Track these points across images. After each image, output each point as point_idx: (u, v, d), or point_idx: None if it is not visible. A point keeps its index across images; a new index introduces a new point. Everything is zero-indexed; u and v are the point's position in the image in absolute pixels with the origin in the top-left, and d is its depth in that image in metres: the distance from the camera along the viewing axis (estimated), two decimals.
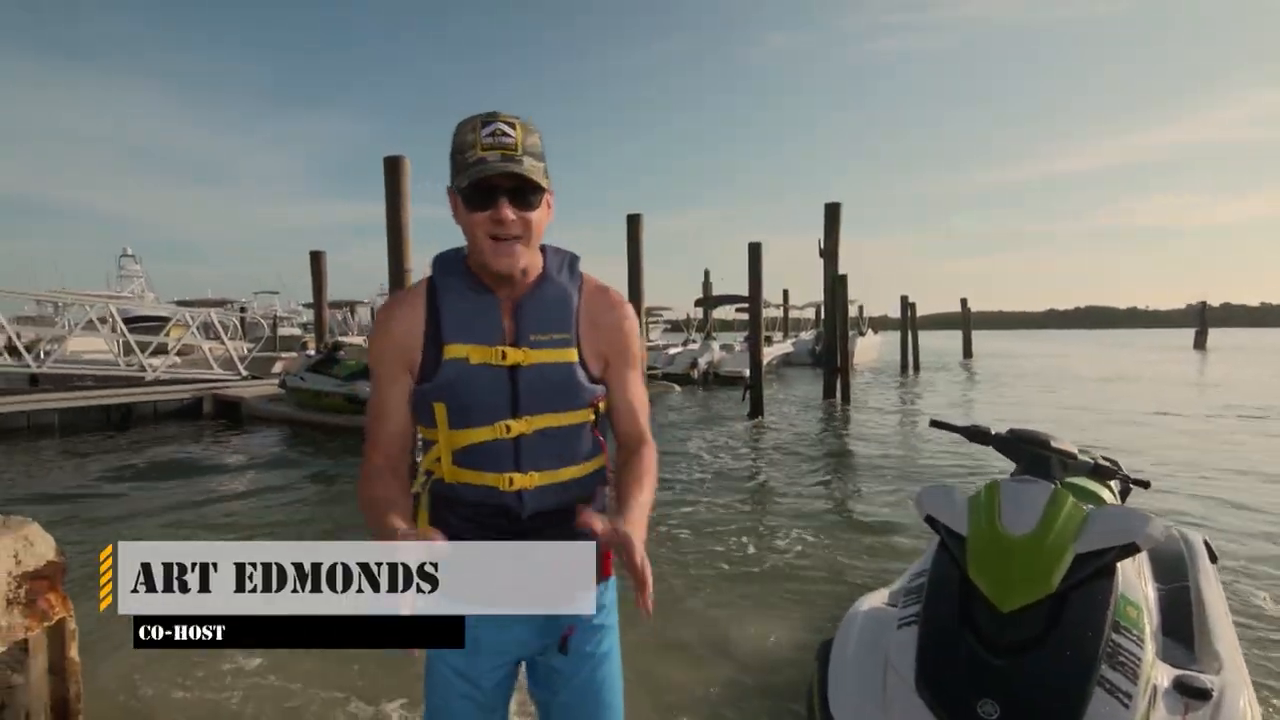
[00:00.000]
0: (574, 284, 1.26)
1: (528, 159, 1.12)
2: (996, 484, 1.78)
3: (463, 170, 1.12)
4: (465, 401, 1.18)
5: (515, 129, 1.12)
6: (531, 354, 1.19)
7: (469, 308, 1.20)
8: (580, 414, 1.23)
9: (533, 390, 1.19)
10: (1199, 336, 42.34)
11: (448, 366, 1.18)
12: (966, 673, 1.49)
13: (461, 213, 1.16)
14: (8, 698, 1.64)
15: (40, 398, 11.42)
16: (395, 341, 1.21)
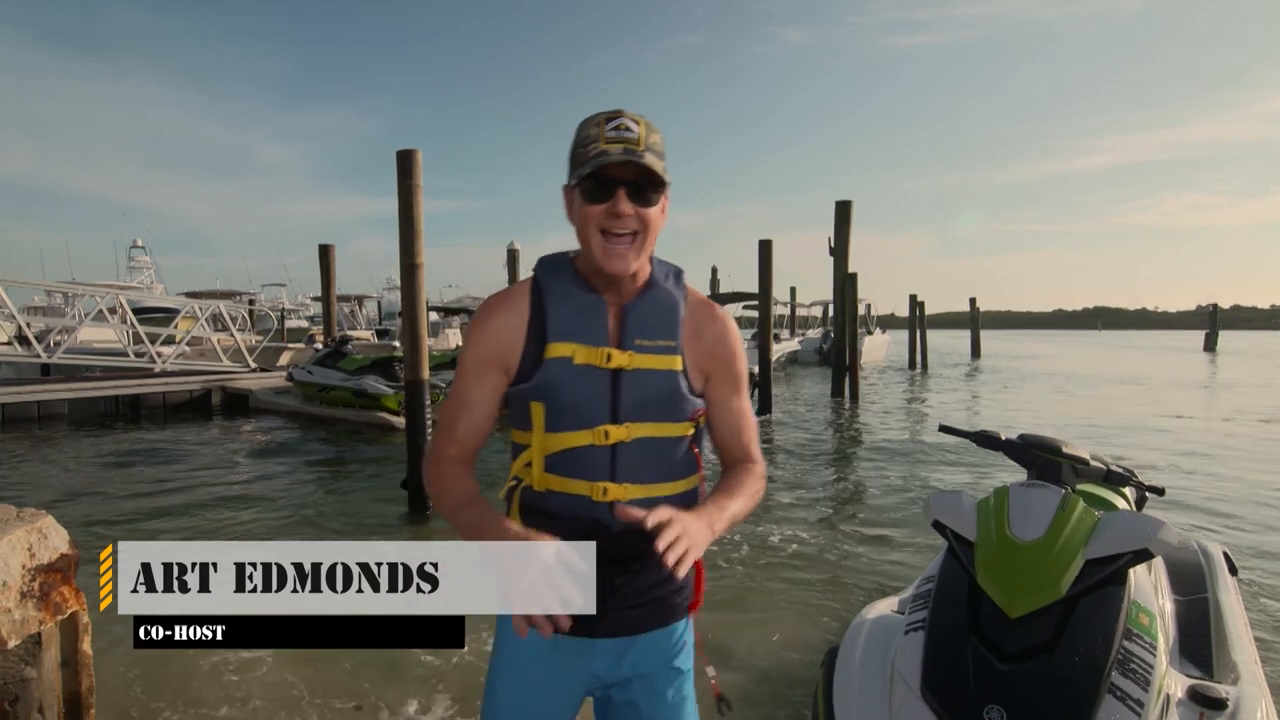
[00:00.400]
0: (680, 294, 1.23)
1: (649, 155, 1.09)
2: (1006, 489, 1.77)
3: (584, 163, 1.10)
4: (565, 403, 1.15)
5: (640, 125, 1.10)
6: (636, 358, 1.16)
7: (575, 307, 1.17)
8: (680, 427, 1.19)
9: (635, 396, 1.16)
10: (1209, 339, 42.03)
11: (550, 365, 1.15)
12: (973, 679, 1.47)
13: (577, 207, 1.14)
14: (21, 690, 1.66)
15: (50, 387, 11.52)
16: (493, 338, 1.19)
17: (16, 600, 1.65)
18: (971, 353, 32.39)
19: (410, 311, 6.00)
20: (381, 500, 6.14)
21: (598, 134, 1.10)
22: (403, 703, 2.80)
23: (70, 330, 13.80)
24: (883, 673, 1.72)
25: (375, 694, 2.87)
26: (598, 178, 1.09)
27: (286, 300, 33.31)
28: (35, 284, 17.30)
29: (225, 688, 2.93)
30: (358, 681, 2.94)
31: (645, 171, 1.09)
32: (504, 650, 1.27)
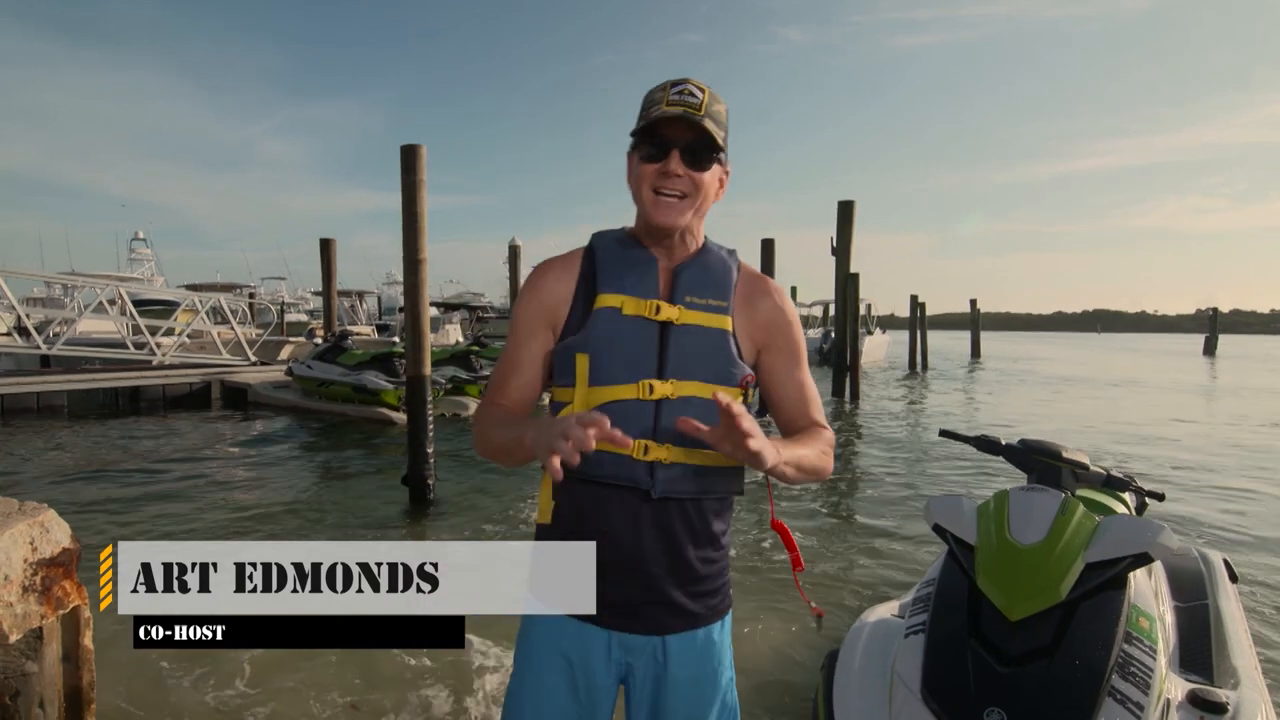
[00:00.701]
0: (733, 263, 1.23)
1: (709, 121, 1.10)
2: (1006, 493, 1.77)
3: (643, 121, 1.12)
4: (611, 353, 1.13)
5: (704, 92, 1.11)
6: (686, 314, 1.15)
7: (627, 262, 1.18)
8: (728, 391, 1.15)
9: (683, 351, 1.14)
10: (1208, 343, 42.04)
11: (598, 316, 1.14)
12: (973, 682, 1.48)
13: (632, 167, 1.15)
14: (21, 685, 1.66)
15: (50, 379, 11.50)
16: (542, 297, 1.19)
17: (18, 594, 1.65)
18: (971, 354, 32.42)
19: (413, 307, 5.99)
20: (382, 496, 6.14)
21: (661, 97, 1.11)
22: (400, 701, 2.80)
23: (70, 322, 13.79)
24: (883, 676, 1.73)
25: (372, 692, 2.87)
26: (653, 138, 1.11)
27: (286, 294, 33.28)
28: (35, 275, 17.32)
29: (221, 686, 2.93)
30: (354, 679, 2.95)
31: (700, 133, 1.10)
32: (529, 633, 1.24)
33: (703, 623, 1.21)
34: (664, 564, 1.16)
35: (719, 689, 1.23)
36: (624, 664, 1.20)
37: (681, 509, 1.16)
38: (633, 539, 1.15)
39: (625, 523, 1.14)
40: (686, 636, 1.20)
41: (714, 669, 1.22)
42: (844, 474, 7.57)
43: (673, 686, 1.19)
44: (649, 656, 1.19)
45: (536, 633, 1.22)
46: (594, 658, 1.19)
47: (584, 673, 1.19)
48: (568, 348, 1.16)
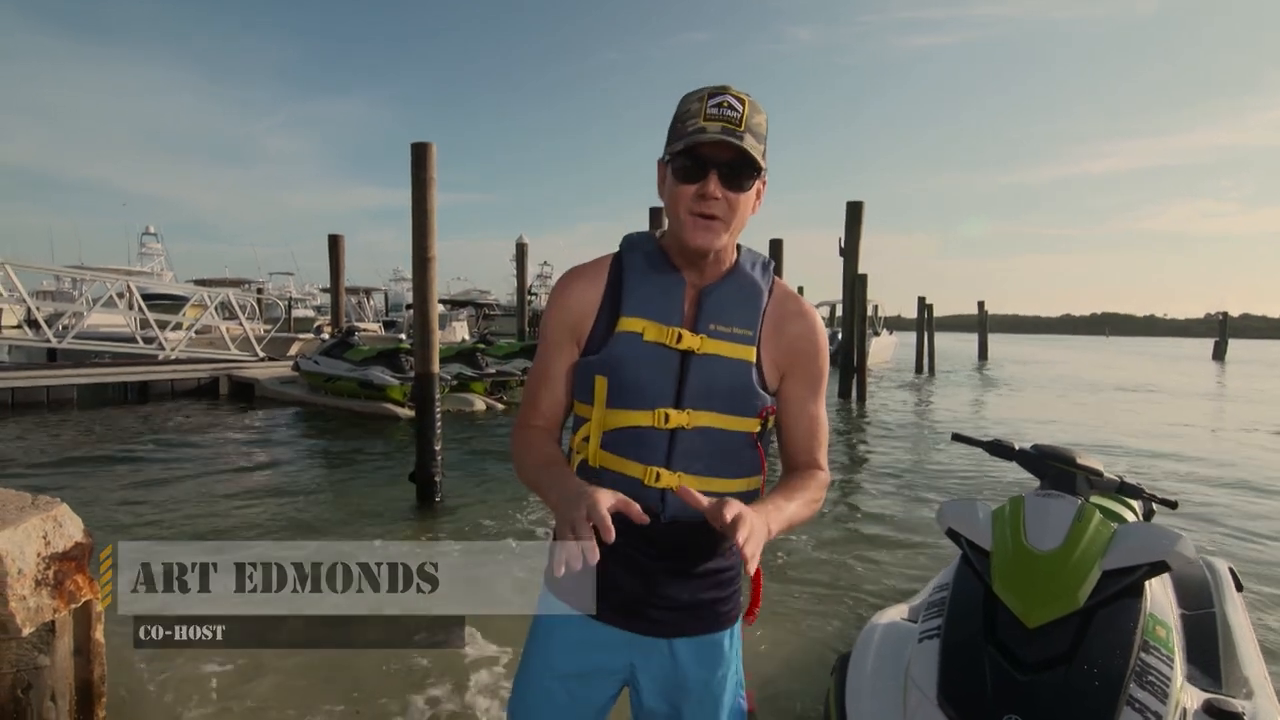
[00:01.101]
0: (765, 283, 1.19)
1: (749, 137, 1.05)
2: (1021, 499, 1.76)
3: (679, 139, 1.06)
4: (629, 379, 1.12)
5: (744, 104, 1.05)
6: (708, 343, 1.12)
7: (653, 284, 1.15)
8: (746, 422, 1.14)
9: (702, 382, 1.12)
10: (1218, 347, 41.74)
11: (619, 339, 1.13)
12: (991, 688, 1.46)
13: (668, 185, 1.11)
14: (34, 678, 1.70)
15: (60, 372, 11.59)
16: (570, 309, 1.17)
17: (31, 588, 1.68)
18: (979, 356, 32.28)
19: (422, 305, 6.02)
20: (389, 493, 6.17)
21: (698, 109, 1.06)
22: (401, 705, 2.81)
23: (79, 315, 13.88)
24: (896, 680, 1.72)
25: (372, 696, 2.88)
26: (692, 156, 1.06)
27: (294, 290, 33.42)
28: (45, 269, 17.39)
29: (220, 689, 2.96)
30: (354, 682, 2.96)
31: (741, 154, 1.05)
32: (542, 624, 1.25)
33: (713, 628, 1.22)
34: (673, 574, 1.17)
35: (728, 694, 1.23)
36: (631, 664, 1.21)
37: (695, 532, 1.15)
38: (642, 554, 1.17)
39: (635, 537, 1.14)
40: (696, 641, 1.20)
41: (723, 674, 1.22)
42: (849, 476, 7.57)
43: (681, 690, 1.20)
44: (657, 658, 1.20)
45: (547, 628, 1.24)
46: (602, 656, 1.20)
47: (592, 670, 1.21)
48: (588, 366, 1.15)
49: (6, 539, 1.61)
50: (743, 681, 1.28)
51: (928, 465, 8.10)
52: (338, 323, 16.41)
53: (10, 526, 1.64)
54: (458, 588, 1.19)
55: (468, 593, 1.22)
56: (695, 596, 1.19)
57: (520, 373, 12.94)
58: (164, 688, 2.94)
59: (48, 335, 12.58)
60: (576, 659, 1.21)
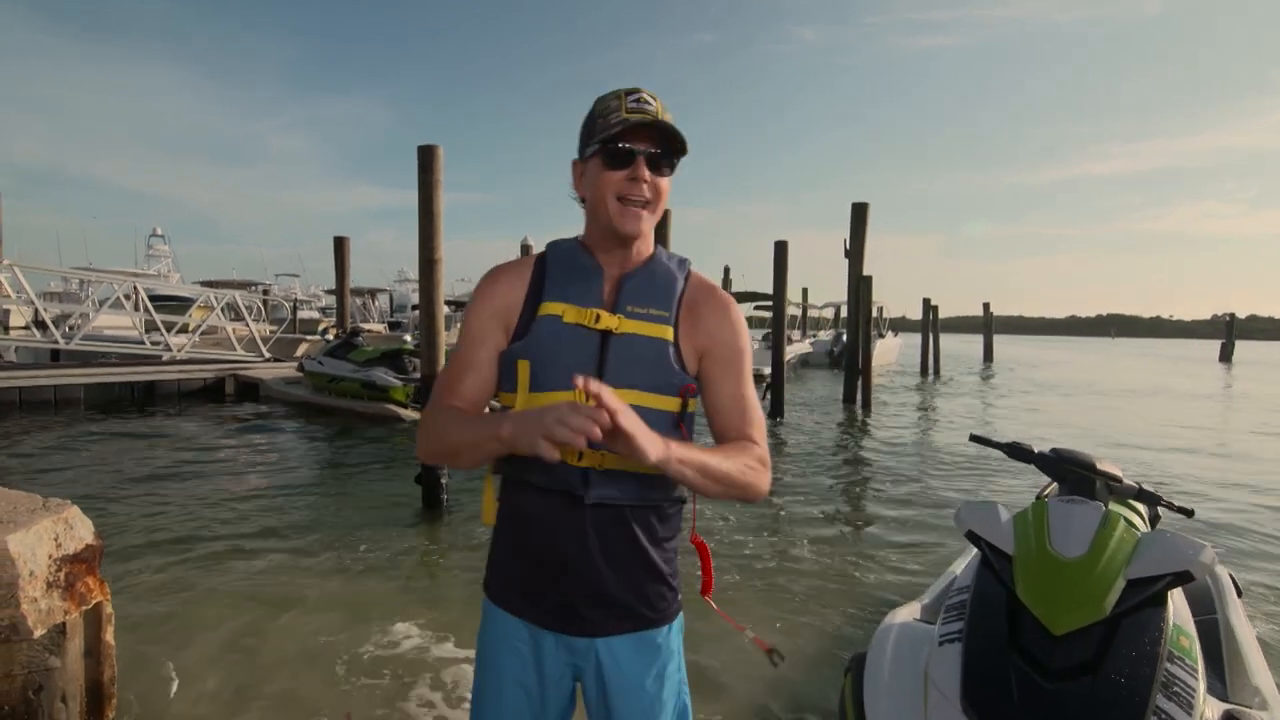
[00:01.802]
0: (681, 273, 1.25)
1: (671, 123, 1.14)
2: (1045, 503, 1.75)
3: (604, 130, 1.13)
4: (550, 361, 1.15)
5: (656, 102, 1.15)
6: (626, 323, 1.17)
7: (573, 272, 1.21)
8: (667, 400, 1.18)
9: (621, 360, 1.16)
10: (1225, 349, 41.59)
11: (540, 323, 1.17)
12: (1016, 695, 1.45)
13: (591, 175, 1.18)
14: (45, 680, 1.69)
15: (67, 373, 11.62)
16: (495, 301, 1.22)
17: (43, 590, 1.67)
18: (984, 358, 32.20)
19: (428, 306, 6.02)
20: (395, 495, 6.15)
21: (618, 105, 1.14)
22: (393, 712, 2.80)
23: (86, 317, 13.92)
24: (915, 681, 1.71)
25: (367, 701, 2.88)
26: (618, 145, 1.13)
27: (300, 291, 33.48)
28: (53, 270, 17.47)
29: (226, 693, 2.95)
30: (348, 687, 2.96)
31: (666, 139, 1.14)
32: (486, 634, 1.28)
33: (648, 625, 1.23)
34: (603, 567, 1.18)
35: (668, 692, 1.25)
36: (572, 665, 1.24)
37: (620, 515, 1.18)
38: (572, 543, 1.17)
39: (564, 526, 1.17)
40: (631, 639, 1.22)
41: (661, 672, 1.24)
42: (854, 477, 7.55)
43: (618, 689, 1.22)
44: (593, 658, 1.22)
45: (491, 633, 1.27)
46: (544, 658, 1.23)
47: (536, 672, 1.23)
48: (511, 354, 1.18)
49: (18, 541, 1.59)
50: (685, 679, 1.29)
51: (933, 466, 8.08)
52: (343, 324, 16.43)
53: (22, 529, 1.63)
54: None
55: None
56: (627, 593, 1.20)
57: None
58: (193, 670, 2.95)
59: (55, 336, 12.62)
60: (523, 665, 1.23)
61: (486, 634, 1.27)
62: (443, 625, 3.48)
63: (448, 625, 3.48)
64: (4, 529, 1.62)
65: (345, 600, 3.81)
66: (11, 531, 1.61)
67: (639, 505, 1.19)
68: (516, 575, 1.24)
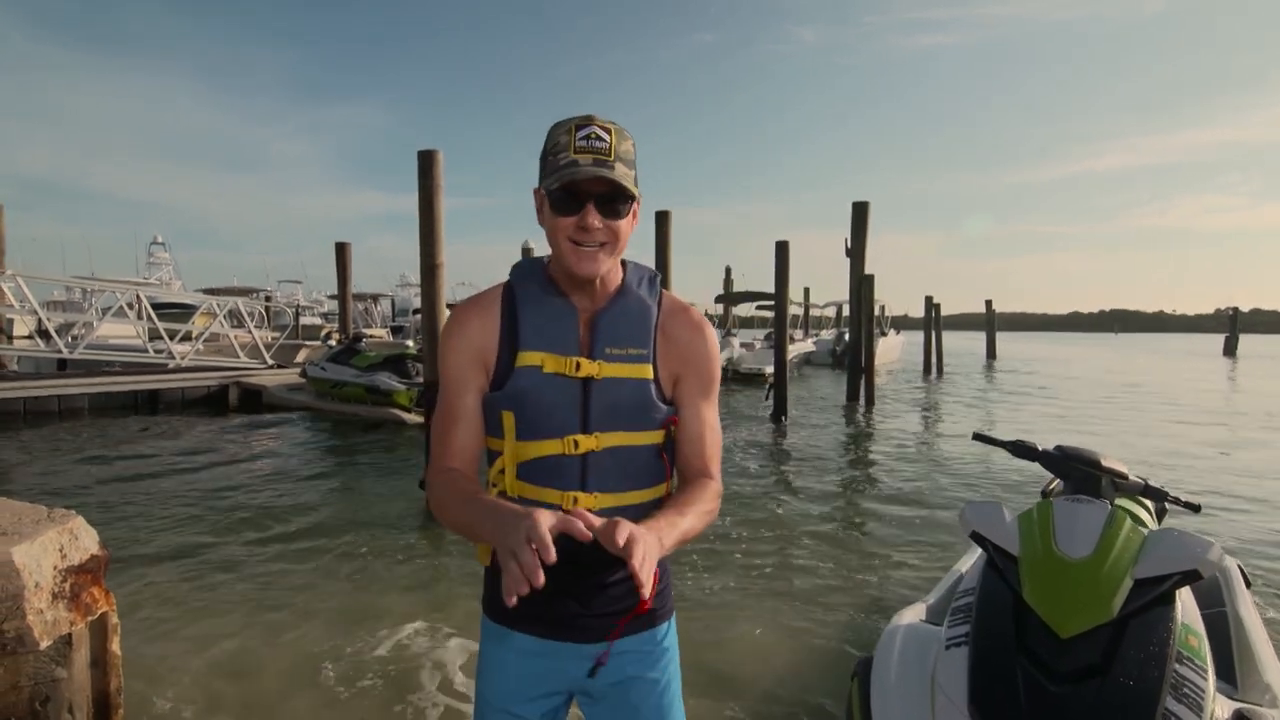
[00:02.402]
0: (653, 299, 1.23)
1: (620, 165, 1.09)
2: (1050, 503, 1.73)
3: (553, 172, 1.10)
4: (535, 412, 1.15)
5: (610, 134, 1.09)
6: (606, 368, 1.16)
7: (546, 315, 1.18)
8: (652, 435, 1.19)
9: (605, 405, 1.16)
10: (1229, 343, 41.52)
11: (520, 374, 1.15)
12: (1024, 699, 1.44)
13: (547, 216, 1.14)
14: (51, 691, 1.68)
15: (71, 382, 11.63)
16: (469, 346, 1.18)
17: (48, 601, 1.67)
18: (987, 355, 32.16)
19: (430, 311, 6.02)
20: (399, 499, 6.17)
21: (567, 142, 1.09)
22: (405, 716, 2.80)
23: (90, 326, 13.95)
24: (922, 685, 1.69)
25: (375, 707, 2.88)
26: (567, 190, 1.09)
27: (302, 297, 33.54)
28: (56, 279, 17.52)
29: (233, 701, 2.95)
30: (354, 693, 2.96)
31: (614, 186, 1.09)
32: (486, 654, 1.29)
33: (644, 627, 1.24)
34: (599, 588, 1.19)
35: (669, 692, 1.26)
36: (573, 675, 1.23)
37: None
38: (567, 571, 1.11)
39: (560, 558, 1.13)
40: (629, 640, 1.23)
41: (660, 672, 1.25)
42: (857, 477, 7.54)
43: (621, 692, 1.23)
44: (592, 664, 1.21)
45: (491, 652, 1.27)
46: (545, 669, 1.22)
47: (538, 684, 1.23)
48: (494, 402, 1.17)
49: (23, 553, 1.59)
50: (678, 673, 1.30)
51: (937, 465, 8.06)
52: (345, 329, 16.46)
53: (27, 540, 1.62)
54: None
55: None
56: (623, 602, 1.20)
57: None
58: (199, 681, 2.94)
59: (59, 345, 12.64)
60: (523, 678, 1.23)
61: (487, 653, 1.28)
62: (449, 630, 3.48)
63: (454, 629, 3.47)
64: (9, 540, 1.62)
65: (351, 606, 3.81)
66: (16, 543, 1.61)
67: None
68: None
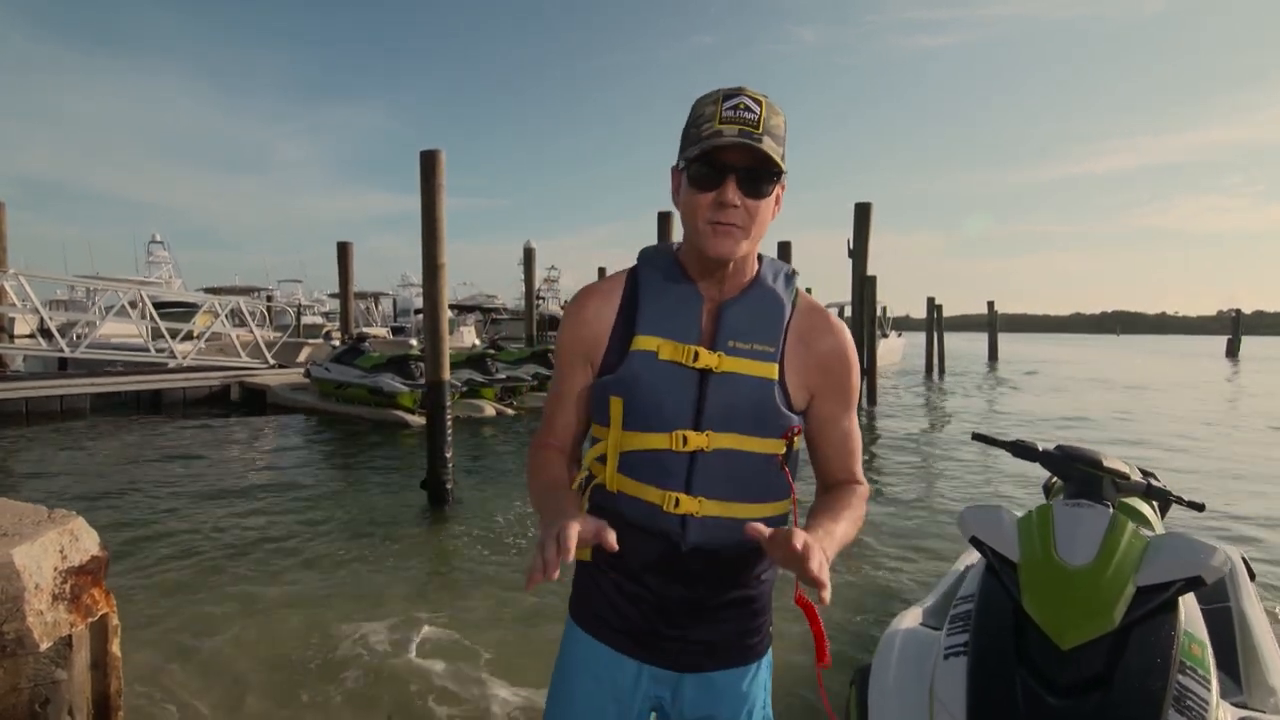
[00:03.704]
0: (789, 296, 1.13)
1: (768, 139, 0.99)
2: (1050, 507, 1.69)
3: (695, 143, 1.01)
4: (645, 400, 1.07)
5: (761, 106, 1.00)
6: (726, 360, 1.06)
7: (668, 299, 1.11)
8: (771, 443, 1.08)
9: (721, 403, 1.06)
10: (1231, 345, 41.47)
11: (633, 358, 1.08)
12: (1024, 713, 1.40)
13: (684, 192, 1.05)
14: (51, 693, 1.67)
15: (73, 382, 11.64)
16: (584, 328, 1.14)
17: (48, 603, 1.66)
18: (989, 356, 32.11)
19: (432, 312, 6.01)
20: (401, 499, 6.16)
21: (713, 112, 1.00)
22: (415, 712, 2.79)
23: (92, 325, 13.96)
24: (921, 695, 1.67)
25: (376, 706, 2.87)
26: (708, 162, 1.00)
27: (303, 297, 33.56)
28: (58, 278, 17.53)
29: (224, 701, 2.94)
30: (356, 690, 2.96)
31: (760, 158, 0.99)
32: (566, 654, 1.23)
33: (736, 663, 1.17)
34: (696, 606, 1.13)
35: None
36: (654, 696, 1.17)
37: (714, 556, 1.11)
38: (664, 582, 1.12)
39: (659, 567, 1.12)
40: (721, 676, 1.16)
41: (745, 711, 1.17)
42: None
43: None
44: (678, 693, 1.16)
45: (571, 654, 1.21)
46: (624, 686, 1.16)
47: (615, 701, 1.16)
48: (603, 387, 1.11)
49: (23, 554, 1.58)
50: (770, 717, 1.22)
51: (939, 466, 8.04)
52: (347, 329, 16.45)
53: (27, 541, 1.62)
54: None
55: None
56: (717, 630, 1.15)
57: (530, 378, 12.91)
58: (198, 682, 2.94)
59: (61, 345, 12.65)
60: (600, 690, 1.17)
61: (567, 655, 1.22)
62: (449, 629, 3.47)
63: (454, 629, 3.46)
64: (9, 541, 1.61)
65: (351, 606, 3.80)
66: (17, 544, 1.60)
67: (739, 551, 1.11)
68: (607, 601, 1.18)
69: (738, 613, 1.16)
